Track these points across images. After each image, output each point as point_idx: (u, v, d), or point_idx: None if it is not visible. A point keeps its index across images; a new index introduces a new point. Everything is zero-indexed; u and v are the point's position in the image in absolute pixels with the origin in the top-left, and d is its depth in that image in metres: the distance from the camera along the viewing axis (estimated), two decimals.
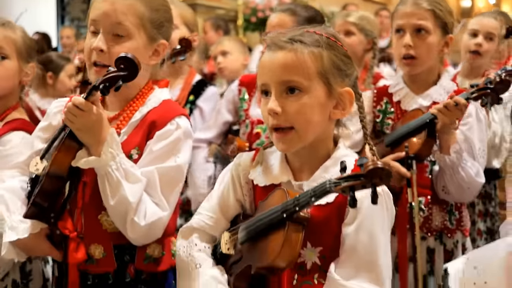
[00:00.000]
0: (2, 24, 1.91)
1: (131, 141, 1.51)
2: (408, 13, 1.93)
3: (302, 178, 1.30)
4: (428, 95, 1.96)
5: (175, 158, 1.50)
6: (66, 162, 1.44)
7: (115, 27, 1.49)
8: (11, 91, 1.94)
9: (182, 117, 1.54)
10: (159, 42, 1.56)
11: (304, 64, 1.24)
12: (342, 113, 1.30)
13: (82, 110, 1.39)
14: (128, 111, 1.54)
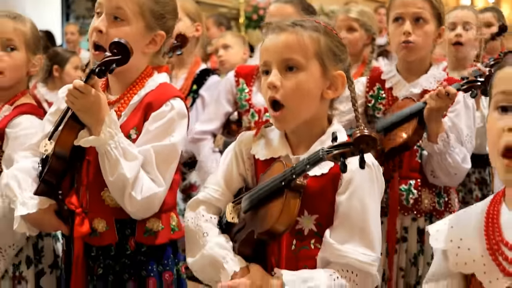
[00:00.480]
0: (13, 17, 1.99)
1: (130, 122, 1.61)
2: (407, 2, 2.02)
3: (300, 153, 1.41)
4: (418, 83, 2.04)
5: (170, 137, 1.59)
6: (69, 141, 1.54)
7: (115, 10, 1.59)
8: (19, 80, 2.02)
9: (177, 98, 1.64)
10: (157, 32, 1.65)
11: (303, 44, 1.37)
12: (334, 93, 1.42)
13: (81, 92, 1.49)
14: (128, 95, 1.64)
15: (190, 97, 2.68)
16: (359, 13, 3.09)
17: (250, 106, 2.45)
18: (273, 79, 1.36)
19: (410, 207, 1.96)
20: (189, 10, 2.71)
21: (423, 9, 2.00)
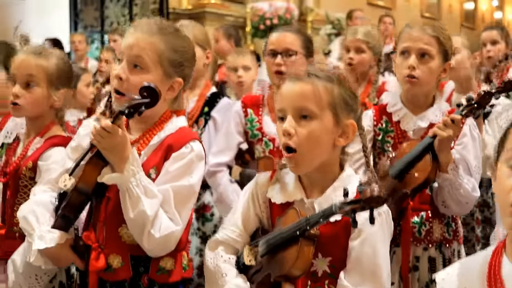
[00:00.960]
0: (38, 53, 2.06)
1: (150, 161, 1.66)
2: (415, 37, 2.05)
3: (314, 196, 1.47)
4: (425, 117, 2.09)
5: (189, 178, 1.64)
6: (92, 178, 1.59)
7: (135, 59, 1.65)
8: (42, 114, 2.09)
9: (196, 141, 1.69)
10: (175, 79, 1.70)
11: (318, 94, 1.43)
12: (345, 141, 1.48)
13: (109, 132, 1.54)
14: (148, 135, 1.70)
15: (202, 119, 2.72)
16: (366, 35, 3.16)
17: (263, 135, 2.47)
18: (287, 126, 1.42)
19: (422, 238, 2.02)
20: (200, 38, 2.74)
21: (429, 45, 2.04)
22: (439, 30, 2.08)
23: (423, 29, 2.06)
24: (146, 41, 1.65)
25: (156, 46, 1.65)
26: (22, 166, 2.05)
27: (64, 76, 2.10)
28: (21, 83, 2.04)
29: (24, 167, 2.04)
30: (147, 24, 1.69)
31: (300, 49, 2.40)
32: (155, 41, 1.66)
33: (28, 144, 2.09)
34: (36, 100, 2.04)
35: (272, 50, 2.41)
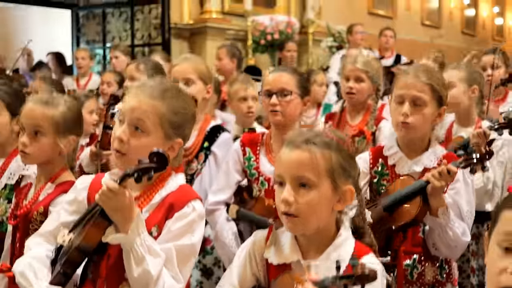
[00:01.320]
0: (45, 102, 2.13)
1: (151, 220, 1.69)
2: (409, 84, 2.12)
3: (310, 257, 1.50)
4: (420, 161, 2.14)
5: (191, 237, 1.67)
6: (96, 238, 1.62)
7: (136, 121, 1.69)
8: (51, 160, 2.15)
9: (197, 200, 1.73)
10: (175, 140, 1.74)
11: (315, 163, 1.47)
12: (343, 206, 1.53)
13: (115, 194, 1.57)
14: (149, 193, 1.73)
15: (203, 154, 2.77)
16: (366, 64, 3.20)
17: (259, 174, 2.51)
18: (287, 195, 1.46)
19: (414, 281, 2.06)
20: (203, 73, 2.82)
21: (423, 93, 2.09)
22: (434, 77, 2.14)
23: (417, 76, 2.12)
24: (148, 105, 1.69)
25: (157, 109, 1.70)
26: (33, 211, 2.11)
27: (71, 123, 2.17)
28: (28, 133, 2.11)
29: (35, 211, 2.10)
30: (149, 86, 1.74)
31: (295, 89, 2.46)
32: (156, 105, 1.70)
33: (39, 189, 2.16)
34: (43, 148, 2.11)
35: (267, 90, 2.48)
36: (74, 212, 1.79)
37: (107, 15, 7.63)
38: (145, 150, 1.62)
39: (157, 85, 1.75)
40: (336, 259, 1.30)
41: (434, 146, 2.19)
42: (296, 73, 2.54)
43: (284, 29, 7.41)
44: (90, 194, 1.78)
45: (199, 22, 7.48)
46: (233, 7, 7.91)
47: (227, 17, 7.80)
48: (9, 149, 2.50)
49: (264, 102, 2.50)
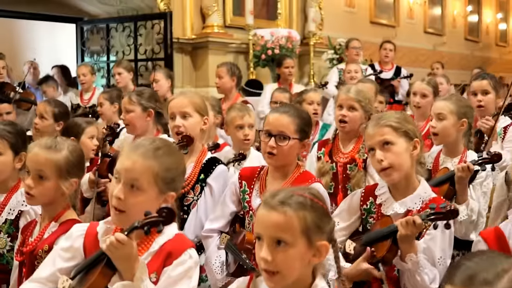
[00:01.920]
0: (48, 147, 2.26)
1: (150, 266, 1.82)
2: (372, 134, 2.26)
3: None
4: (404, 203, 2.24)
5: (189, 283, 1.81)
6: (102, 285, 1.75)
7: (132, 181, 1.82)
8: (54, 201, 2.27)
9: (192, 249, 1.86)
10: (168, 194, 1.88)
11: (291, 225, 1.57)
12: (318, 259, 1.62)
13: (123, 245, 1.70)
14: (146, 242, 1.86)
15: (198, 186, 2.86)
16: (358, 94, 3.30)
17: (250, 208, 2.61)
18: (265, 255, 1.57)
19: None
20: (199, 106, 2.93)
21: (386, 134, 2.22)
22: (391, 119, 2.28)
23: (377, 124, 2.27)
24: (142, 165, 1.83)
25: (151, 169, 1.83)
26: (39, 248, 2.22)
27: (73, 168, 2.29)
28: (33, 176, 2.24)
29: (41, 249, 2.21)
30: (142, 146, 1.87)
31: (294, 134, 2.54)
32: (150, 165, 1.83)
33: (44, 228, 2.28)
34: (46, 191, 2.24)
35: (267, 130, 2.56)
36: (69, 259, 1.90)
37: (111, 29, 7.72)
38: (141, 206, 1.77)
39: (149, 144, 1.89)
40: None
41: (421, 190, 2.28)
42: (298, 115, 2.59)
43: (285, 44, 7.50)
44: (86, 241, 1.90)
45: (201, 36, 7.55)
46: (234, 20, 8.01)
47: (229, 30, 7.88)
48: (11, 184, 2.64)
49: (264, 141, 2.57)
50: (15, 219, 2.57)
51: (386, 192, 2.29)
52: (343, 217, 2.37)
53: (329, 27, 9.67)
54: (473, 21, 15.64)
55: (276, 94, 5.31)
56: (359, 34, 10.62)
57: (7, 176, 2.61)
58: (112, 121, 4.91)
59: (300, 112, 2.63)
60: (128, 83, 6.04)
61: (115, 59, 7.60)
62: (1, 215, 2.59)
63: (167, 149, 1.91)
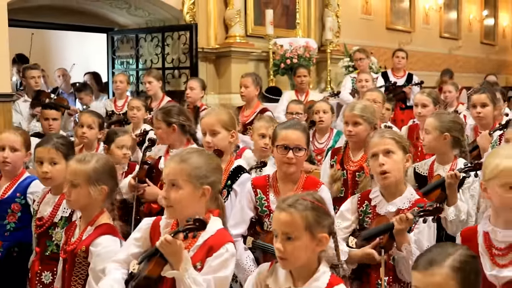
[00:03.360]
0: (79, 160, 2.73)
1: (196, 257, 2.30)
2: (377, 142, 2.77)
3: (299, 285, 2.09)
4: (395, 203, 2.73)
5: (225, 271, 2.29)
6: (157, 272, 2.25)
7: (171, 181, 2.34)
8: (88, 206, 2.71)
9: (230, 243, 2.34)
10: (204, 187, 2.37)
11: (296, 223, 2.07)
12: (321, 248, 2.11)
13: (171, 244, 2.20)
14: (194, 238, 2.33)
15: (225, 191, 3.30)
16: (362, 110, 3.74)
17: (270, 211, 3.02)
18: (278, 246, 2.07)
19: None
20: (225, 122, 3.39)
21: (390, 144, 2.72)
22: (393, 134, 2.80)
23: (382, 136, 2.77)
24: (177, 169, 2.35)
25: (184, 170, 2.34)
26: (78, 249, 2.66)
27: (101, 175, 2.71)
28: (69, 184, 2.70)
29: (79, 249, 2.65)
30: (175, 155, 2.41)
31: (305, 145, 3.01)
32: (182, 167, 2.35)
33: (83, 231, 2.72)
34: (80, 197, 2.69)
35: (284, 144, 2.99)
36: (139, 246, 2.45)
37: (139, 39, 8.20)
38: (183, 200, 2.31)
39: (180, 153, 2.43)
40: None
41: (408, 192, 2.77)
42: (305, 131, 3.09)
43: (303, 54, 7.94)
44: (152, 233, 2.44)
45: (224, 46, 7.99)
46: (256, 29, 8.47)
47: (251, 39, 8.31)
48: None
49: (282, 153, 2.98)
50: (69, 216, 3.06)
51: (379, 196, 2.77)
52: (344, 217, 2.84)
53: (346, 34, 10.08)
54: (489, 25, 15.90)
55: (292, 106, 5.69)
56: (376, 40, 11.08)
57: (61, 180, 3.05)
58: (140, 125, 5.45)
59: (304, 127, 3.11)
60: (157, 91, 6.52)
61: (143, 67, 8.11)
62: (57, 213, 3.09)
63: (195, 153, 2.43)
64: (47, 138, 3.31)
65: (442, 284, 1.76)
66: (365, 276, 2.73)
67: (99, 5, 8.02)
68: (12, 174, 3.43)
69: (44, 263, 3.04)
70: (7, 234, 3.33)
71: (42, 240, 3.08)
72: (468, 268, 1.81)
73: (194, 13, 7.88)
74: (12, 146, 3.40)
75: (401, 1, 12.24)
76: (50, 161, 3.09)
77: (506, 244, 2.29)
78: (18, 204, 3.35)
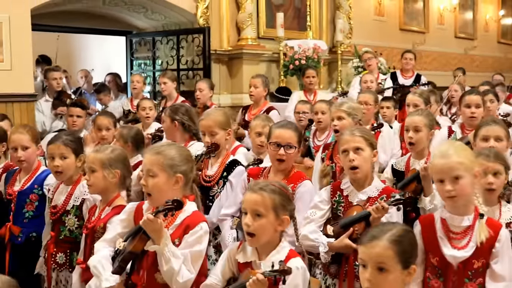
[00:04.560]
0: (97, 150, 3.13)
1: (175, 234, 2.63)
2: (348, 140, 3.02)
3: (263, 259, 2.42)
4: (365, 192, 2.99)
5: (199, 246, 2.62)
6: (140, 247, 2.59)
7: (148, 171, 2.68)
8: (107, 189, 3.11)
9: (204, 222, 2.67)
10: (177, 175, 2.69)
11: (265, 203, 2.40)
12: (282, 228, 2.44)
13: (152, 222, 2.53)
14: (173, 218, 2.67)
15: (222, 181, 3.64)
16: (347, 107, 4.15)
17: None
18: (247, 221, 2.40)
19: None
20: (221, 123, 3.70)
21: (359, 142, 2.98)
22: (363, 132, 3.05)
23: (352, 133, 3.03)
24: (153, 159, 2.69)
25: (158, 160, 2.68)
26: (97, 225, 3.07)
27: (114, 161, 3.12)
28: (88, 171, 3.10)
29: (99, 226, 3.06)
30: (152, 148, 2.78)
31: (296, 144, 3.30)
32: (157, 158, 2.69)
33: (101, 211, 3.14)
34: (97, 180, 3.10)
35: (276, 142, 3.28)
36: (125, 227, 2.78)
37: (156, 42, 8.60)
38: (159, 187, 2.65)
39: (156, 145, 2.81)
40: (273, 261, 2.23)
41: (376, 182, 3.05)
42: (296, 129, 3.39)
43: (311, 55, 8.24)
44: (136, 215, 2.77)
45: (237, 48, 8.33)
46: (267, 32, 8.80)
47: (262, 41, 8.64)
48: (75, 179, 3.50)
49: (275, 150, 3.27)
50: (79, 205, 3.42)
51: (350, 186, 3.03)
52: (319, 207, 3.09)
53: (359, 36, 10.35)
54: (507, 24, 15.96)
55: (299, 106, 6.03)
56: (389, 41, 11.32)
57: (72, 173, 3.47)
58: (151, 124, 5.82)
59: (296, 126, 3.42)
60: (172, 91, 6.87)
61: (160, 68, 8.51)
62: (69, 202, 3.47)
63: (169, 146, 2.78)
64: (57, 135, 3.65)
65: (381, 254, 2.08)
66: (344, 259, 2.98)
67: (118, 9, 8.43)
68: (29, 168, 3.81)
69: (58, 246, 3.43)
70: (26, 221, 3.70)
71: (56, 226, 3.46)
72: (405, 240, 2.13)
73: (207, 17, 8.24)
74: (23, 145, 3.75)
75: (415, 2, 12.43)
76: (60, 156, 3.44)
77: (461, 229, 2.57)
78: (35, 195, 3.73)
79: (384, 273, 2.07)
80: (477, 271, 2.50)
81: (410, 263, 2.13)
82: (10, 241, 3.64)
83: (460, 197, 2.52)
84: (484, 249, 2.49)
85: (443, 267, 2.55)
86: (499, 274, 2.46)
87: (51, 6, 7.35)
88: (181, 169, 2.73)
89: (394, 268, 2.08)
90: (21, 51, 6.07)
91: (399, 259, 2.08)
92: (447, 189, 2.51)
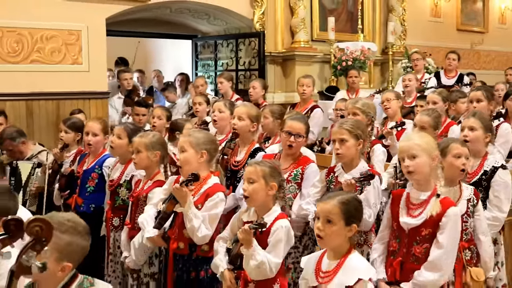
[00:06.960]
0: (141, 136, 3.94)
1: (198, 201, 3.41)
2: (336, 131, 3.65)
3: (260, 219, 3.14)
4: (351, 174, 3.59)
5: (215, 210, 3.39)
6: (171, 208, 3.40)
7: (181, 148, 3.48)
8: (150, 166, 3.91)
9: (221, 192, 3.43)
10: (202, 152, 3.48)
11: (257, 173, 3.10)
12: (271, 192, 3.13)
13: (179, 190, 3.32)
14: (198, 187, 3.45)
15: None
16: (362, 104, 4.72)
17: None
18: (244, 186, 3.13)
19: None
20: (252, 115, 4.39)
21: (344, 134, 3.59)
22: (349, 124, 3.64)
23: (340, 126, 3.64)
24: (184, 140, 3.52)
25: (188, 139, 3.51)
26: (141, 195, 3.89)
27: (155, 144, 3.88)
28: (135, 152, 3.90)
29: (141, 195, 3.88)
30: (187, 132, 3.59)
31: (304, 134, 3.99)
32: (188, 139, 3.51)
33: (145, 183, 3.94)
34: (141, 160, 3.89)
35: (288, 131, 3.96)
36: (166, 194, 3.58)
37: (218, 45, 9.44)
38: (188, 160, 3.43)
39: (190, 131, 3.59)
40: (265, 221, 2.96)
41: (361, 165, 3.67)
42: (306, 122, 4.07)
43: (358, 57, 8.81)
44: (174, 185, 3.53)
45: (290, 50, 9.00)
46: (321, 34, 9.43)
47: (315, 44, 9.27)
48: (127, 159, 4.32)
49: (286, 137, 3.92)
50: (129, 180, 4.27)
51: (340, 169, 3.69)
52: (316, 185, 3.76)
53: (413, 37, 10.73)
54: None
55: (338, 103, 6.59)
56: (446, 41, 11.61)
57: (124, 153, 4.30)
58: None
59: (306, 119, 4.12)
60: (227, 90, 7.60)
61: (221, 69, 9.33)
62: (122, 177, 4.32)
63: (199, 131, 3.61)
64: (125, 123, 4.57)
65: (330, 210, 2.71)
66: None
67: (184, 16, 9.33)
68: (95, 152, 4.69)
69: (114, 212, 4.31)
70: (87, 195, 4.57)
71: (112, 196, 4.35)
72: (351, 204, 2.76)
73: (263, 22, 8.96)
74: (94, 132, 4.58)
75: (474, 3, 12.60)
76: (118, 136, 4.32)
77: (419, 202, 3.14)
78: (96, 173, 4.59)
79: (330, 224, 2.74)
80: (424, 237, 3.01)
81: (352, 222, 2.74)
82: (75, 209, 4.55)
83: (416, 173, 3.07)
84: (433, 221, 2.97)
85: (399, 231, 3.13)
86: (440, 242, 2.94)
87: (125, 15, 8.35)
88: (205, 147, 3.50)
89: (339, 222, 2.74)
90: (97, 55, 7.15)
91: (342, 216, 2.72)
92: (405, 164, 3.09)
